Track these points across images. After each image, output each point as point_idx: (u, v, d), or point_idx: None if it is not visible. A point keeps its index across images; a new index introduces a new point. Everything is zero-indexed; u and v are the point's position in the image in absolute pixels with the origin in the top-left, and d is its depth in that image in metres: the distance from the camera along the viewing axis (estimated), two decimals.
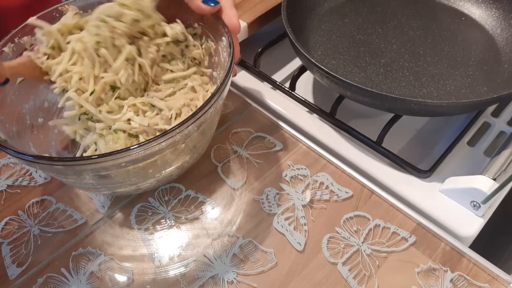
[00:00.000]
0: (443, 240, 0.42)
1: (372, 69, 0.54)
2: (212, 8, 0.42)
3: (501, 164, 0.43)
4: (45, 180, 0.48)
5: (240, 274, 0.40)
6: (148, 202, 0.45)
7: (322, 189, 0.46)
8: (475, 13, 0.61)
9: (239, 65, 0.60)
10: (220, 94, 0.37)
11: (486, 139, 0.51)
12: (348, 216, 0.43)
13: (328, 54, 0.56)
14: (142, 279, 0.40)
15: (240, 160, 0.49)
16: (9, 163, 0.49)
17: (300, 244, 0.41)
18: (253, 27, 0.60)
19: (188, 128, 0.34)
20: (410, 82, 0.52)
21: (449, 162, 0.48)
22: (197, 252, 0.41)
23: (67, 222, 0.44)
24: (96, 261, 0.41)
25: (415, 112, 0.46)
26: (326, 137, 0.51)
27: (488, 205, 0.42)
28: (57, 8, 0.44)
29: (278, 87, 0.57)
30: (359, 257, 0.41)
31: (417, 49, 0.56)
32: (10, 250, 0.42)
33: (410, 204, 0.45)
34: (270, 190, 0.46)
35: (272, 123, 0.52)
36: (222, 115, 0.53)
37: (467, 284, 0.39)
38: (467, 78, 0.52)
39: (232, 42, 0.41)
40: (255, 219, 0.44)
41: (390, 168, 0.48)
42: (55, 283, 0.39)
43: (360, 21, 0.61)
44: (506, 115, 0.54)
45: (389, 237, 0.42)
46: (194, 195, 0.46)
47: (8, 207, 0.45)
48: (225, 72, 0.38)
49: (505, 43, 0.56)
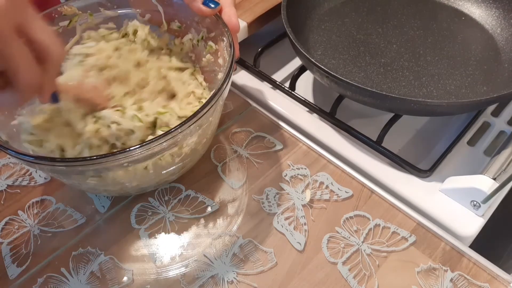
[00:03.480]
0: (443, 240, 0.42)
1: (372, 68, 0.54)
2: (212, 10, 0.42)
3: (501, 164, 0.43)
4: (45, 180, 0.48)
5: (240, 274, 0.40)
6: (148, 202, 0.45)
7: (322, 188, 0.46)
8: (475, 13, 0.61)
9: (239, 64, 0.60)
10: (221, 94, 0.37)
11: (486, 138, 0.51)
12: (348, 216, 0.43)
13: (328, 54, 0.56)
14: (142, 279, 0.40)
15: (240, 160, 0.49)
16: (9, 163, 0.49)
17: (300, 243, 0.41)
18: (253, 26, 0.60)
19: (189, 128, 0.34)
20: (410, 82, 0.52)
21: (449, 161, 0.48)
22: (197, 252, 0.41)
23: (67, 222, 0.44)
24: (96, 261, 0.41)
25: (415, 111, 0.46)
26: (326, 136, 0.51)
27: (488, 204, 0.42)
28: (56, 9, 0.44)
29: (278, 87, 0.57)
30: (359, 257, 0.41)
31: (417, 48, 0.56)
32: (10, 250, 0.42)
33: (410, 203, 0.45)
34: (270, 189, 0.46)
35: (272, 123, 0.52)
36: (222, 115, 0.53)
37: (467, 283, 0.39)
38: (467, 77, 0.52)
39: (232, 42, 0.41)
40: (255, 219, 0.44)
41: (390, 167, 0.48)
42: (55, 283, 0.39)
43: (360, 21, 0.61)
44: (506, 114, 0.54)
45: (389, 236, 0.42)
46: (194, 195, 0.46)
47: (8, 207, 0.45)
48: (225, 72, 0.38)
49: (505, 43, 0.56)
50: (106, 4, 0.47)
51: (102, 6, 0.47)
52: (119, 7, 0.48)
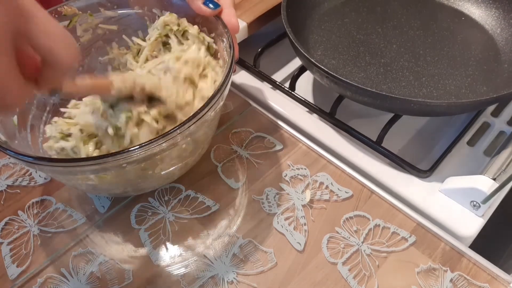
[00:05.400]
0: (443, 240, 0.42)
1: (372, 69, 0.54)
2: (212, 10, 0.42)
3: (501, 164, 0.43)
4: (45, 180, 0.48)
5: (240, 274, 0.40)
6: (148, 202, 0.45)
7: (322, 189, 0.46)
8: (475, 13, 0.61)
9: (239, 64, 0.60)
10: (221, 95, 0.37)
11: (486, 139, 0.51)
12: (348, 216, 0.43)
13: (328, 54, 0.56)
14: (142, 279, 0.40)
15: (240, 160, 0.49)
16: (9, 163, 0.49)
17: (300, 244, 0.41)
18: (253, 27, 0.60)
19: (189, 129, 0.34)
20: (410, 82, 0.52)
21: (449, 162, 0.48)
22: (197, 252, 0.41)
23: (67, 222, 0.44)
24: (96, 261, 0.41)
25: (415, 112, 0.46)
26: (326, 137, 0.51)
27: (488, 205, 0.42)
28: (56, 9, 0.44)
29: (278, 87, 0.57)
30: (359, 257, 0.41)
31: (417, 49, 0.56)
32: (10, 250, 0.42)
33: (410, 204, 0.45)
34: (270, 190, 0.46)
35: (272, 123, 0.52)
36: (222, 115, 0.53)
37: (467, 283, 0.39)
38: (466, 78, 0.52)
39: (232, 43, 0.41)
40: (255, 219, 0.44)
41: (390, 168, 0.48)
42: (55, 283, 0.39)
43: (360, 21, 0.61)
44: (505, 115, 0.54)
45: (389, 237, 0.42)
46: (194, 195, 0.46)
47: (8, 207, 0.45)
48: (225, 73, 0.38)
49: (505, 43, 0.56)
50: (106, 4, 0.47)
51: (102, 6, 0.47)
52: (119, 7, 0.48)
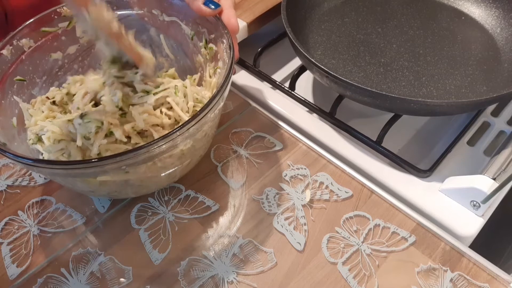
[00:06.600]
0: (443, 240, 0.42)
1: (371, 68, 0.54)
2: (212, 11, 0.42)
3: (500, 164, 0.43)
4: (45, 180, 0.48)
5: (240, 274, 0.40)
6: (148, 202, 0.45)
7: (322, 188, 0.46)
8: (475, 13, 0.61)
9: (239, 64, 0.60)
10: (221, 95, 0.37)
11: (485, 138, 0.51)
12: (348, 216, 0.43)
13: (328, 53, 0.56)
14: (142, 279, 0.40)
15: (240, 160, 0.49)
16: (9, 163, 0.49)
17: (300, 244, 0.41)
18: (252, 26, 0.60)
19: (189, 130, 0.34)
20: (410, 82, 0.52)
21: (449, 161, 0.48)
22: (197, 252, 0.41)
23: (67, 222, 0.44)
24: (96, 261, 0.41)
25: (414, 111, 0.46)
26: (326, 137, 0.51)
27: (488, 204, 0.42)
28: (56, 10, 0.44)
29: (278, 86, 0.57)
30: (359, 257, 0.41)
31: (416, 48, 0.56)
32: (10, 250, 0.42)
33: (410, 203, 0.45)
34: (270, 190, 0.46)
35: (272, 122, 0.52)
36: (222, 115, 0.53)
37: (467, 283, 0.39)
38: (466, 77, 0.52)
39: (232, 44, 0.41)
40: (255, 219, 0.44)
41: (390, 167, 0.48)
42: (55, 283, 0.40)
43: (360, 21, 0.61)
44: (505, 114, 0.54)
45: (389, 236, 0.42)
46: (194, 195, 0.46)
47: (8, 207, 0.45)
48: (225, 74, 0.38)
49: (505, 43, 0.56)
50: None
51: None
52: (119, 8, 0.48)
